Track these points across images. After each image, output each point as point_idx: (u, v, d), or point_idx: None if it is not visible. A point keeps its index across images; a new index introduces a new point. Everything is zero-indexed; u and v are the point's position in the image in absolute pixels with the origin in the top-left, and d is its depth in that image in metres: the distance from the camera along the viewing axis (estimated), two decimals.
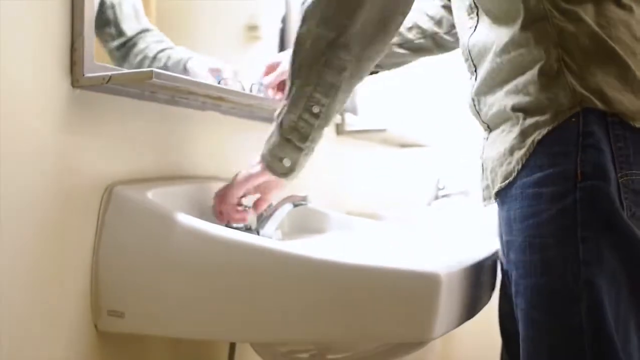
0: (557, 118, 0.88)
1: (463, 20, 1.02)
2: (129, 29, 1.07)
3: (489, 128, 0.99)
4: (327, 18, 0.96)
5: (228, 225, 1.13)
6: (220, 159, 1.32)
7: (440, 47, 1.31)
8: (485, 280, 1.05)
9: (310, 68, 0.97)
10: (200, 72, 1.20)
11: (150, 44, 1.11)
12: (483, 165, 1.00)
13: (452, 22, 1.23)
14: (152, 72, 0.94)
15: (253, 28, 1.54)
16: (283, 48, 1.61)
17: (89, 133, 1.01)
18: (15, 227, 0.89)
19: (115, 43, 1.11)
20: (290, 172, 1.03)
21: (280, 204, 1.18)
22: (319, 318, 0.90)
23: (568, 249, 0.86)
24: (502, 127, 0.95)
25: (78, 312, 0.99)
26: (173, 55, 1.19)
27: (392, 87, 2.13)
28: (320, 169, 1.74)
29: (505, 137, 0.94)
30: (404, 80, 2.22)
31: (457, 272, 0.90)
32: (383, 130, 1.94)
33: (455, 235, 1.35)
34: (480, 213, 1.31)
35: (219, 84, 1.24)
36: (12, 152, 0.88)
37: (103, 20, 1.06)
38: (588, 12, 0.90)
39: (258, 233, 1.17)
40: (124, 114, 1.07)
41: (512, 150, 0.92)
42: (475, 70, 0.99)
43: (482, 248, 1.09)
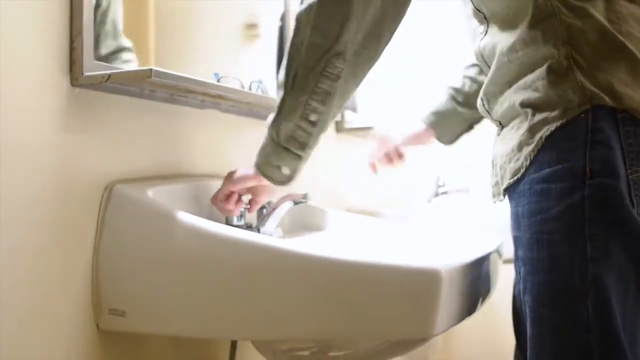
0: (566, 114, 0.88)
1: (474, 27, 1.02)
2: (105, 47, 1.06)
3: (501, 125, 0.99)
4: (320, 27, 0.96)
5: (229, 223, 1.13)
6: (220, 157, 1.32)
7: None
8: (486, 277, 1.05)
9: (306, 77, 0.97)
10: None
11: (118, 65, 1.09)
12: (493, 162, 1.00)
13: None
14: (151, 70, 0.94)
15: (252, 26, 1.54)
16: (282, 46, 1.61)
17: (89, 131, 1.01)
18: (15, 226, 0.89)
19: None
20: (289, 180, 1.03)
21: (281, 202, 1.18)
22: (320, 315, 0.90)
23: (575, 246, 0.86)
24: (512, 123, 0.95)
25: (79, 311, 0.99)
26: None
27: (391, 84, 2.13)
28: (320, 167, 1.74)
29: (515, 133, 0.93)
30: (403, 78, 2.22)
31: (457, 268, 0.90)
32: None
33: (456, 232, 1.35)
34: (480, 210, 1.31)
35: (218, 82, 1.24)
36: (11, 150, 0.88)
37: None
38: (598, 7, 0.89)
39: (259, 231, 1.17)
40: (124, 113, 1.07)
41: (520, 147, 0.91)
42: None
43: (482, 245, 1.09)
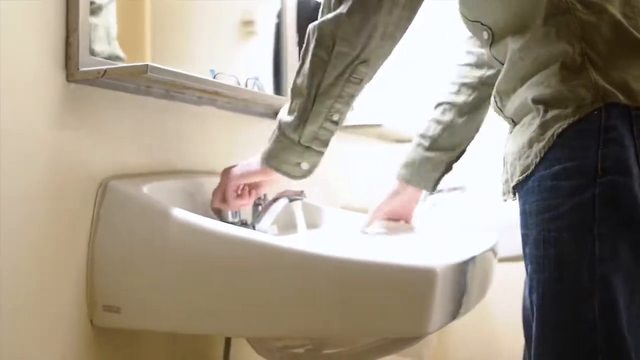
0: (578, 112, 0.86)
1: (479, 35, 1.01)
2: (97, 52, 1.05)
3: (513, 122, 0.98)
4: (348, 38, 0.96)
5: (223, 220, 1.13)
6: (216, 154, 1.32)
7: (490, 82, 1.22)
8: (481, 276, 1.05)
9: (334, 85, 0.98)
10: None
11: None
12: (504, 159, 0.98)
13: (481, 53, 1.22)
14: (147, 66, 0.94)
15: (248, 23, 1.54)
16: (279, 43, 1.60)
17: (84, 127, 1.00)
18: (10, 221, 0.89)
19: None
20: (309, 173, 1.05)
21: (276, 199, 1.18)
22: (315, 313, 0.90)
23: (584, 245, 0.85)
24: (523, 120, 0.94)
25: (73, 307, 0.99)
26: None
27: (387, 82, 2.12)
28: None
29: (526, 130, 0.92)
30: (400, 76, 2.22)
31: (452, 266, 0.90)
32: (379, 126, 1.94)
33: (451, 231, 1.35)
34: (476, 209, 1.31)
35: (214, 79, 1.24)
36: (6, 146, 0.88)
37: None
38: (614, 2, 0.88)
39: (254, 228, 1.17)
40: (119, 109, 1.07)
41: (531, 143, 0.90)
42: None
43: (478, 243, 1.09)
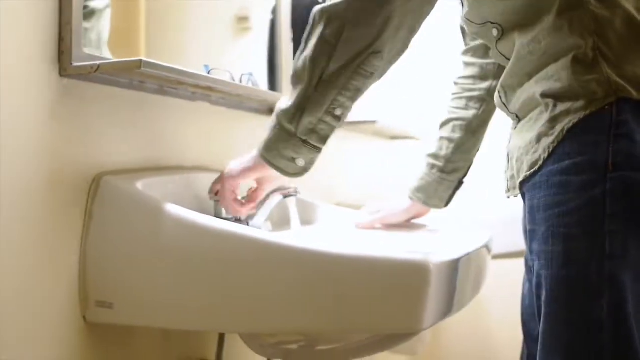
0: (590, 106, 0.85)
1: (486, 35, 0.99)
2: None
3: (518, 118, 0.97)
4: (361, 23, 0.92)
5: (218, 216, 1.13)
6: (210, 150, 1.31)
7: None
8: (475, 272, 1.05)
9: (338, 74, 0.93)
10: None
11: None
12: (508, 155, 0.98)
13: (485, 64, 1.21)
14: (140, 61, 0.94)
15: (243, 19, 1.53)
16: (273, 39, 1.60)
17: (77, 123, 1.00)
18: (2, 217, 0.88)
19: None
20: (304, 171, 1.00)
21: (270, 195, 1.18)
22: (309, 309, 0.90)
23: (593, 241, 0.84)
24: (530, 115, 0.93)
25: (66, 303, 0.98)
26: None
27: (383, 79, 2.12)
28: None
29: (533, 125, 0.91)
30: (395, 73, 2.22)
31: (446, 263, 0.89)
32: (373, 122, 1.94)
33: (446, 227, 1.35)
34: (470, 205, 1.31)
35: (209, 74, 1.23)
36: None
37: None
38: None
39: (248, 224, 1.16)
40: (113, 104, 1.06)
41: (539, 138, 0.89)
42: None
43: (472, 240, 1.09)
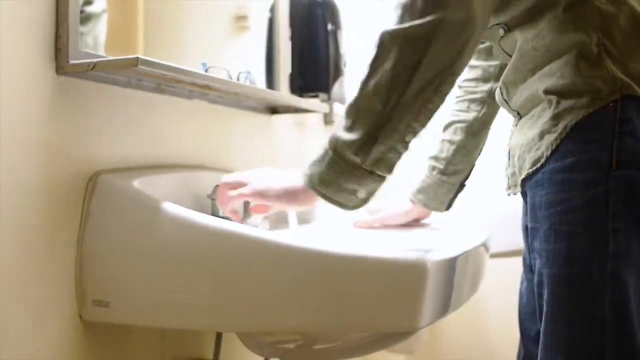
0: (594, 103, 0.85)
1: (492, 36, 0.98)
2: None
3: (519, 115, 0.96)
4: (443, 43, 0.85)
5: (215, 214, 1.12)
6: (207, 148, 1.31)
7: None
8: (473, 271, 1.05)
9: (417, 97, 0.86)
10: None
11: None
12: (509, 152, 0.97)
13: (487, 66, 1.20)
14: (137, 59, 0.93)
15: (241, 18, 1.53)
16: (271, 38, 1.60)
17: (74, 121, 0.99)
18: None
19: None
20: (364, 203, 0.91)
21: None
22: (306, 308, 0.89)
23: (596, 240, 0.83)
24: (532, 112, 0.92)
25: (62, 302, 0.98)
26: None
27: None
28: (308, 159, 1.74)
29: (535, 122, 0.90)
30: None
31: (443, 261, 0.89)
32: None
33: (443, 226, 1.35)
34: (468, 203, 1.31)
35: (206, 72, 1.23)
36: None
37: None
38: None
39: (245, 222, 1.16)
40: (110, 102, 1.06)
41: (542, 135, 0.88)
42: None
43: (469, 238, 1.09)
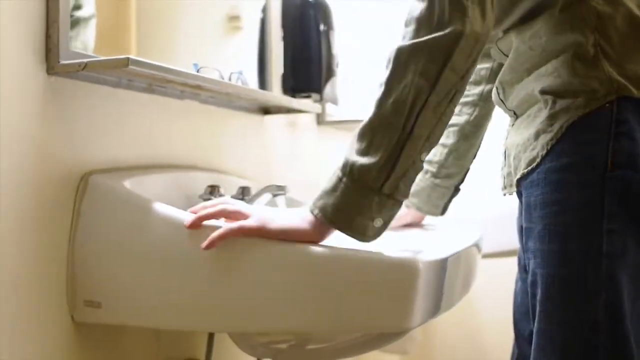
0: (590, 104, 0.85)
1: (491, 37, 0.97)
2: None
3: (515, 115, 0.96)
4: (458, 55, 0.82)
5: None
6: (199, 148, 1.31)
7: (490, 98, 1.17)
8: (464, 271, 1.05)
9: (435, 111, 0.83)
10: None
11: None
12: (505, 152, 0.97)
13: (479, 69, 1.20)
14: (128, 59, 0.93)
15: (234, 18, 1.53)
16: (264, 38, 1.60)
17: (65, 121, 0.99)
18: None
19: None
20: (380, 233, 0.86)
21: (259, 194, 1.17)
22: (298, 308, 0.89)
23: (591, 240, 0.83)
24: (528, 112, 0.92)
25: (54, 302, 0.97)
26: None
27: (373, 77, 2.12)
28: (301, 159, 1.74)
29: (531, 121, 0.90)
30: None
31: (435, 261, 0.89)
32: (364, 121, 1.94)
33: (435, 226, 1.35)
34: (460, 203, 1.31)
35: (198, 72, 1.23)
36: None
37: None
38: None
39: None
40: (101, 102, 1.06)
41: (537, 135, 0.88)
42: None
43: (461, 238, 1.09)
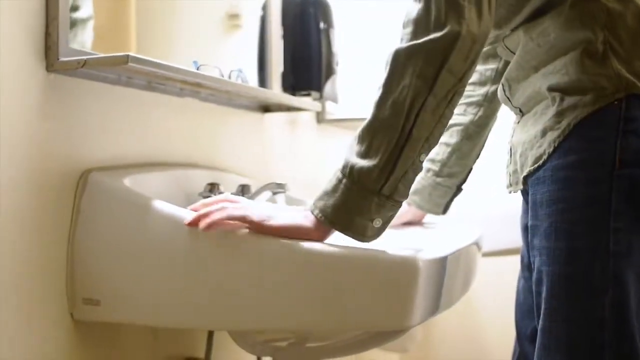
0: (598, 101, 0.84)
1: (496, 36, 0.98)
2: None
3: (521, 112, 0.96)
4: (457, 57, 0.82)
5: None
6: (198, 146, 1.31)
7: (495, 98, 1.17)
8: (464, 270, 1.05)
9: (433, 112, 0.83)
10: None
11: None
12: (511, 150, 0.97)
13: (484, 70, 1.19)
14: (127, 56, 0.93)
15: (234, 16, 1.53)
16: (264, 36, 1.60)
17: (64, 118, 0.99)
18: None
19: None
20: (379, 234, 0.87)
21: (259, 192, 1.17)
22: (297, 306, 0.89)
23: (597, 239, 0.83)
24: (535, 109, 0.92)
25: (53, 300, 0.97)
26: None
27: (373, 75, 2.12)
28: (300, 158, 1.74)
29: (538, 119, 0.90)
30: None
31: (435, 260, 0.89)
32: (364, 119, 1.93)
33: (435, 224, 1.35)
34: (461, 202, 1.31)
35: (197, 70, 1.22)
36: None
37: None
38: None
39: None
40: (100, 100, 1.06)
41: (544, 132, 0.88)
42: None
43: (461, 236, 1.09)
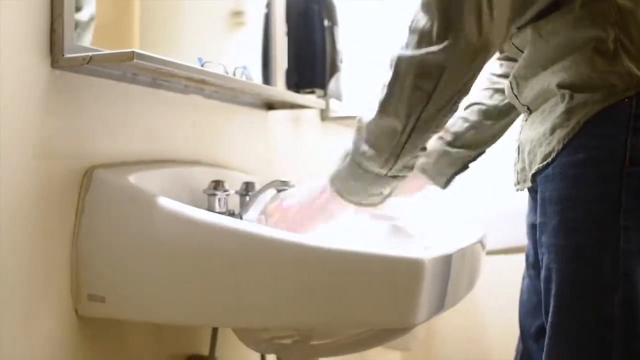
0: (608, 99, 0.84)
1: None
2: None
3: (529, 110, 0.96)
4: (459, 68, 0.88)
5: (211, 210, 1.12)
6: (203, 143, 1.31)
7: None
8: (469, 268, 1.05)
9: (435, 117, 0.91)
10: None
11: None
12: (519, 147, 0.97)
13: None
14: (133, 52, 0.93)
15: (238, 13, 1.53)
16: (268, 33, 1.59)
17: (69, 115, 0.99)
18: None
19: None
20: (389, 197, 1.01)
21: (264, 189, 1.17)
22: (302, 304, 0.89)
23: (607, 236, 0.83)
24: (543, 106, 0.92)
25: (58, 296, 0.97)
26: None
27: (376, 73, 2.11)
28: (304, 155, 1.73)
29: (547, 116, 0.90)
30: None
31: (440, 258, 0.89)
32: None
33: (440, 223, 1.34)
34: (466, 201, 1.31)
35: (202, 67, 1.22)
36: None
37: None
38: None
39: (241, 218, 1.16)
40: (105, 96, 1.06)
41: (553, 129, 0.88)
42: None
43: (466, 235, 1.09)
